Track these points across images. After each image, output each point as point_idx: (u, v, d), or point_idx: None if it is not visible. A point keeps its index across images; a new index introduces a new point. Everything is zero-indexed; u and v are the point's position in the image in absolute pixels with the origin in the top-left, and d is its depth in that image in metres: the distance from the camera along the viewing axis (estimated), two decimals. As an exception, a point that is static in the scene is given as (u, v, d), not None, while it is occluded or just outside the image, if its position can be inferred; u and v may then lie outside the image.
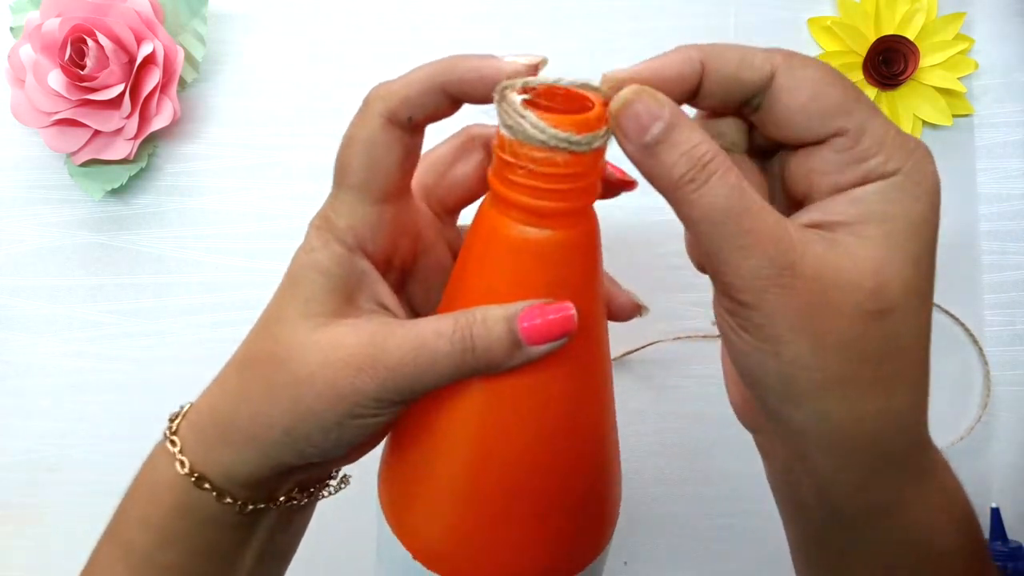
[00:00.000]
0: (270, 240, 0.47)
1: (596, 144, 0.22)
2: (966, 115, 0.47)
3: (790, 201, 0.24)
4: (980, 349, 0.47)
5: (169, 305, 0.47)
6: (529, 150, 0.22)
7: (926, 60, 0.46)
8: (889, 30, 0.46)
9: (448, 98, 0.24)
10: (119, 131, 0.44)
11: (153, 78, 0.43)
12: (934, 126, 0.47)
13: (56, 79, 0.42)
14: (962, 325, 0.47)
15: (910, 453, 0.24)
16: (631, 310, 0.29)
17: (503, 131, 0.22)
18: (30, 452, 0.47)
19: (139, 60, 0.42)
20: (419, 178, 0.27)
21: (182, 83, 0.45)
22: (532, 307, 0.23)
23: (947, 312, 0.47)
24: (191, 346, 0.47)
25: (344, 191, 0.25)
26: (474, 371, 0.24)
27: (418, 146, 0.25)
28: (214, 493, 0.26)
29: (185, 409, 0.28)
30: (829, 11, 0.47)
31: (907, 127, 0.47)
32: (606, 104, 0.22)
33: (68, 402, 0.47)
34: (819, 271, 0.21)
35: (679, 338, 0.46)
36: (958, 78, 0.47)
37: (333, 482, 0.30)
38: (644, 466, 0.48)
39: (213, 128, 0.47)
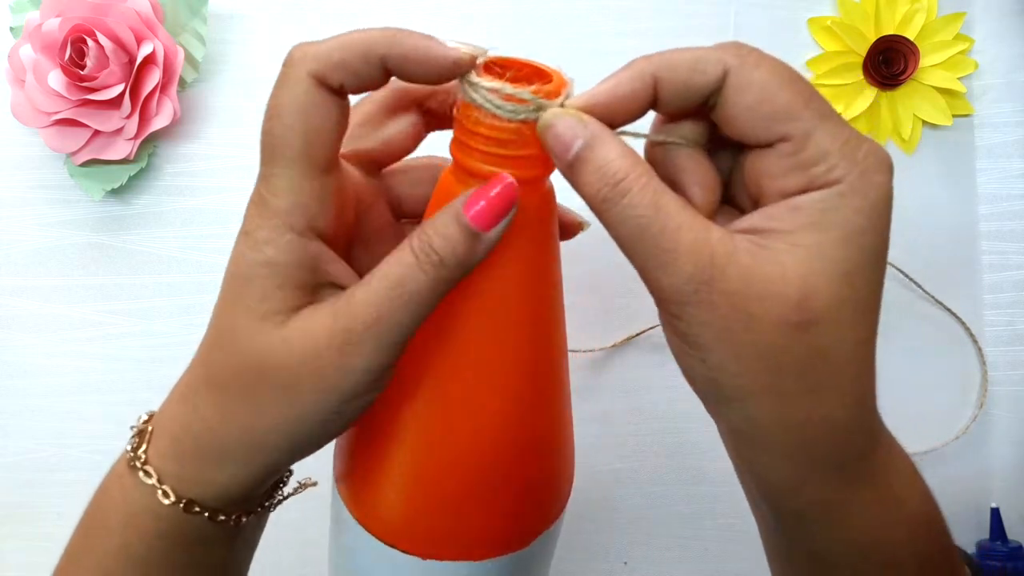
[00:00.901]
0: (270, 240, 0.47)
1: (521, 115, 0.22)
2: (966, 115, 0.47)
3: (749, 199, 0.24)
4: (979, 349, 0.47)
5: (169, 305, 0.47)
6: (475, 113, 0.23)
7: (926, 60, 0.46)
8: (889, 30, 0.46)
9: (384, 72, 0.23)
10: (119, 131, 0.44)
11: (153, 78, 0.43)
12: (934, 126, 0.47)
13: (56, 79, 0.42)
14: (962, 322, 0.47)
15: (844, 458, 0.23)
16: (574, 228, 0.28)
17: (460, 95, 0.23)
18: (30, 452, 0.47)
19: (139, 60, 0.42)
20: (349, 140, 0.26)
21: (182, 83, 0.45)
22: (470, 195, 0.23)
23: (947, 309, 0.47)
24: (191, 346, 0.46)
25: (281, 167, 0.23)
26: (449, 282, 0.23)
27: (347, 112, 0.24)
28: (206, 514, 0.25)
29: (148, 433, 0.26)
30: (829, 11, 0.47)
31: (907, 127, 0.47)
32: (548, 91, 0.23)
33: (68, 402, 0.47)
34: (741, 284, 0.21)
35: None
36: (958, 78, 0.47)
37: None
38: (644, 466, 0.48)
39: (213, 128, 0.47)
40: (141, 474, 0.25)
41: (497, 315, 0.25)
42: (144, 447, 0.26)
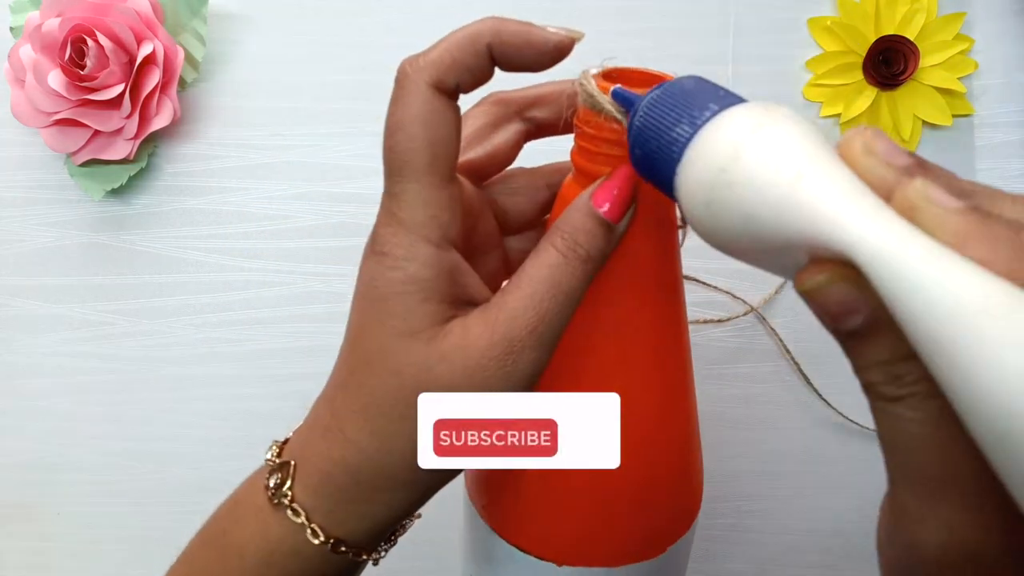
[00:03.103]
0: (270, 240, 0.47)
1: None
2: (966, 115, 0.47)
3: None
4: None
5: (169, 305, 0.47)
6: (596, 119, 0.23)
7: (926, 60, 0.46)
8: (889, 30, 0.46)
9: (490, 60, 0.23)
10: (119, 131, 0.44)
11: (153, 78, 0.43)
12: (934, 126, 0.47)
13: (56, 79, 0.42)
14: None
15: None
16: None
17: (581, 104, 0.24)
18: (30, 452, 0.47)
19: (139, 60, 0.42)
20: (461, 152, 0.26)
21: (182, 83, 0.45)
22: (598, 192, 0.23)
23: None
24: (191, 346, 0.47)
25: (410, 181, 0.22)
26: (592, 276, 0.23)
27: (460, 118, 0.24)
28: (350, 554, 0.24)
29: (291, 468, 0.25)
30: (829, 11, 0.47)
31: (907, 127, 0.47)
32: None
33: (68, 402, 0.47)
34: None
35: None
36: (958, 78, 0.47)
37: None
38: (644, 466, 0.48)
39: (213, 128, 0.47)
40: (289, 512, 0.24)
41: (635, 312, 0.25)
42: (289, 483, 0.24)
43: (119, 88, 0.42)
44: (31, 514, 0.47)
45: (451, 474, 0.25)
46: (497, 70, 0.24)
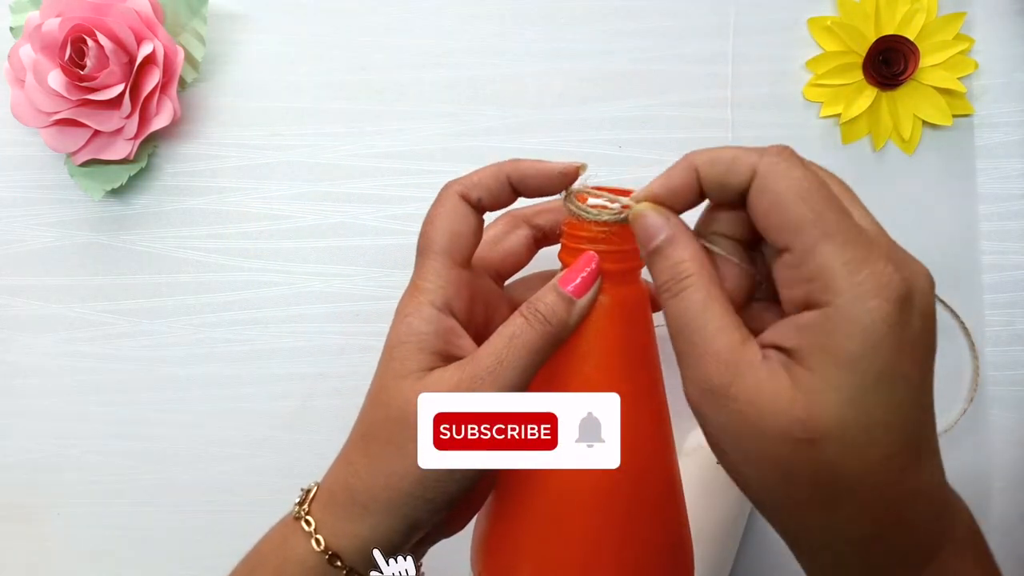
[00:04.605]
0: (270, 240, 0.47)
1: (605, 217, 0.28)
2: (966, 115, 0.47)
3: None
4: (971, 343, 0.47)
5: (169, 305, 0.47)
6: (575, 222, 0.29)
7: (926, 60, 0.46)
8: (889, 30, 0.46)
9: (510, 187, 0.30)
10: (119, 131, 0.44)
11: (153, 78, 0.43)
12: (934, 126, 0.47)
13: (56, 79, 0.42)
14: (955, 315, 0.47)
15: (871, 568, 0.24)
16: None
17: (565, 213, 0.30)
18: (30, 452, 0.47)
19: (139, 60, 0.42)
20: (479, 253, 0.32)
21: (182, 83, 0.45)
22: (565, 273, 0.29)
23: (944, 303, 0.47)
24: (191, 346, 0.47)
25: (430, 259, 0.29)
26: (554, 340, 0.28)
27: (482, 225, 0.30)
28: (344, 571, 0.28)
29: (314, 490, 0.30)
30: (829, 11, 0.47)
31: (907, 127, 0.47)
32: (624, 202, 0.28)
33: (68, 402, 0.47)
34: (753, 396, 0.23)
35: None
36: (958, 78, 0.47)
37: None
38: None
39: (213, 128, 0.47)
40: (303, 523, 0.29)
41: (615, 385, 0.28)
42: (308, 503, 0.30)
43: (119, 88, 0.42)
44: (31, 514, 0.47)
45: (427, 507, 0.28)
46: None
